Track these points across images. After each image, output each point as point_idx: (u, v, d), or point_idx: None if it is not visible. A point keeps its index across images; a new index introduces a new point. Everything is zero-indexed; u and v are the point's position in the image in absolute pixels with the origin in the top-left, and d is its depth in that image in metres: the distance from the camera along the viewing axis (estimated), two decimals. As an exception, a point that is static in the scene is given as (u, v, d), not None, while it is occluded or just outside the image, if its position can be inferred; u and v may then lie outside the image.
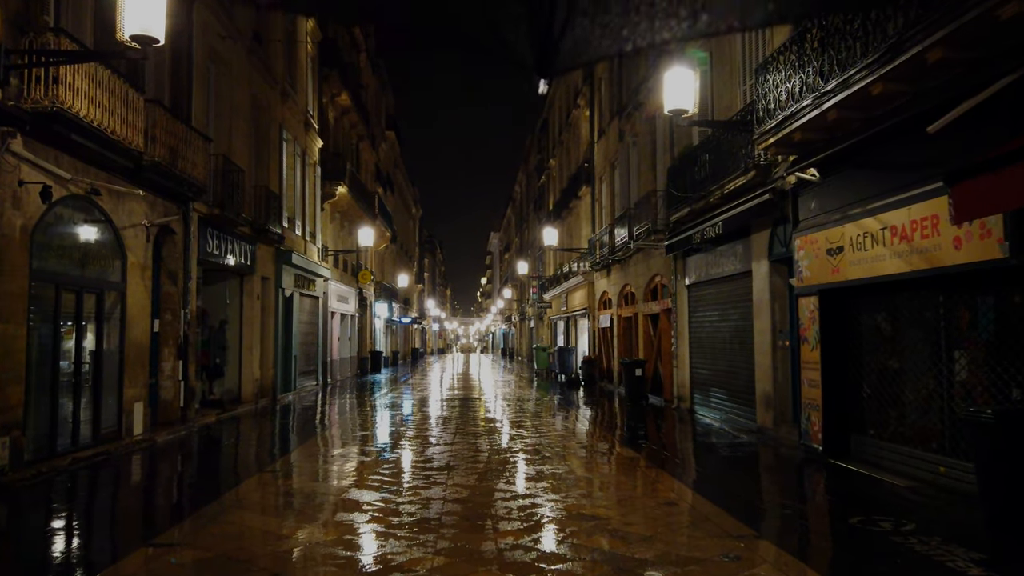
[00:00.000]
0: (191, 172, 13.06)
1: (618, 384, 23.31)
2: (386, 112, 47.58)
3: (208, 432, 13.42)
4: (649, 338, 20.14)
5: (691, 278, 15.85)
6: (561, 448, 11.02)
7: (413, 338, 68.36)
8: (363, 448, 11.32)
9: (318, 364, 25.49)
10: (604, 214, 26.21)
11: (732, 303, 13.63)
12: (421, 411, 17.00)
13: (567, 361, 29.65)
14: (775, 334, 11.72)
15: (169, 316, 13.57)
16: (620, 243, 21.44)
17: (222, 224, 15.67)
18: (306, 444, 11.88)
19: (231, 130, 16.61)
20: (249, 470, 9.65)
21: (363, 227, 27.79)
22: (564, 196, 33.84)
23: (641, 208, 19.31)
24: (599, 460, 10.15)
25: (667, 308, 18.06)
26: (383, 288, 43.20)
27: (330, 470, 9.32)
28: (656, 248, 17.58)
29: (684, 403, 16.29)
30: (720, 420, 13.89)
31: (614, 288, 23.97)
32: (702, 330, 15.39)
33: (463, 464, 9.39)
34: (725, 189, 12.77)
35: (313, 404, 19.30)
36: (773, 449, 10.95)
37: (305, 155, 23.88)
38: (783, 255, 11.46)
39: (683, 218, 15.33)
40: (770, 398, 11.76)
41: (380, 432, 13.45)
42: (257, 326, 18.88)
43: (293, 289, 21.66)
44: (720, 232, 13.01)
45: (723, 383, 14.10)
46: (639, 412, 16.52)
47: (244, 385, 18.16)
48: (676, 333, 16.76)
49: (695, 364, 15.86)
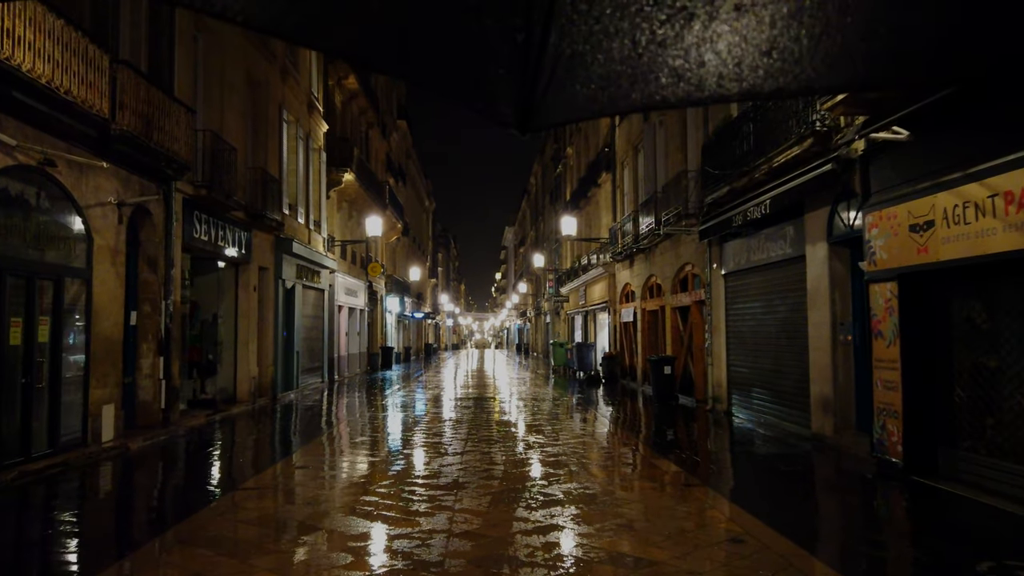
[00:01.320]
0: (171, 147, 11.66)
1: (642, 382, 21.77)
2: (397, 101, 46.16)
3: (192, 437, 12.04)
4: (678, 333, 18.57)
5: (729, 266, 14.27)
6: (587, 460, 9.52)
7: (426, 333, 67.04)
8: (361, 459, 9.89)
9: (323, 360, 24.13)
10: (626, 201, 24.63)
11: (780, 293, 12.05)
12: (430, 413, 15.55)
13: (586, 357, 28.13)
14: (835, 327, 10.15)
15: (148, 308, 12.19)
16: (645, 231, 19.87)
17: (211, 207, 14.28)
18: (297, 453, 10.46)
19: (223, 105, 15.21)
20: (223, 486, 8.23)
21: (372, 216, 26.37)
22: (582, 184, 32.27)
23: (669, 192, 17.74)
24: (634, 476, 8.63)
25: (699, 300, 16.49)
26: (395, 282, 41.84)
27: (317, 489, 7.87)
28: (688, 234, 16.00)
29: (720, 404, 14.72)
30: (764, 425, 12.33)
31: (637, 280, 22.40)
32: (742, 324, 13.81)
33: (475, 481, 7.92)
34: (774, 163, 11.19)
35: (315, 404, 17.92)
36: (836, 462, 9.39)
37: (309, 139, 22.49)
38: (846, 235, 9.88)
39: (720, 199, 13.76)
40: (828, 402, 10.19)
41: (383, 438, 12.01)
42: (254, 320, 17.51)
43: (295, 281, 20.28)
44: (767, 212, 11.43)
45: (768, 383, 12.53)
46: (669, 414, 14.98)
47: (239, 383, 16.80)
48: (710, 327, 15.20)
49: (733, 361, 14.29)
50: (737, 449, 10.79)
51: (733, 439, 11.65)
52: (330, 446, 11.11)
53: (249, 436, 12.63)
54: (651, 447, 10.72)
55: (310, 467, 9.18)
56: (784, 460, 9.73)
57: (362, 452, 10.44)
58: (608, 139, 27.12)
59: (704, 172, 14.74)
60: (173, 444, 11.27)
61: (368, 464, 9.29)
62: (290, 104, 20.23)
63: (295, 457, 10.02)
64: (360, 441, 11.61)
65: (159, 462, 10.04)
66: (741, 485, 8.11)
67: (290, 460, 9.79)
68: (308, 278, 21.73)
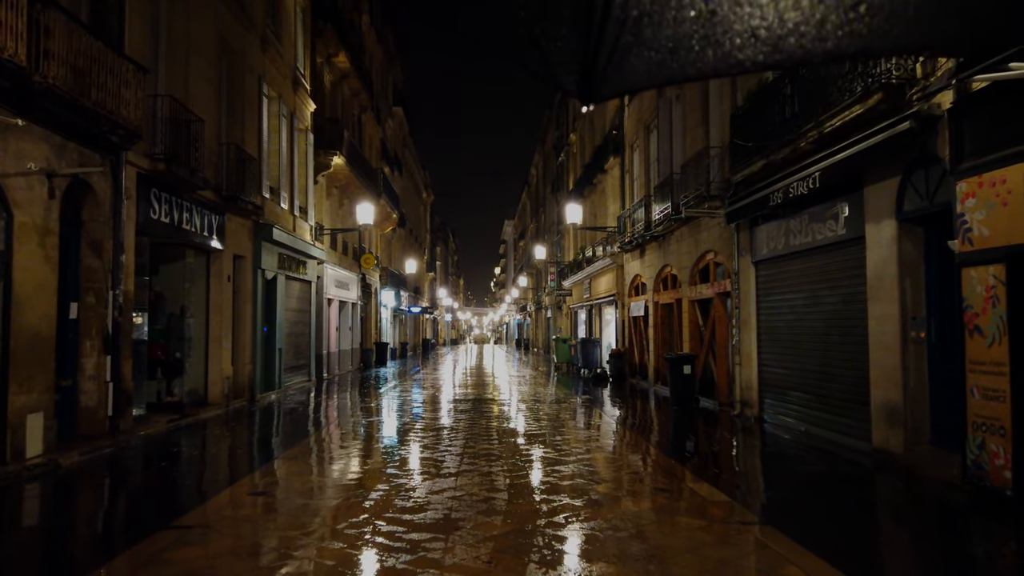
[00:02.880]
0: (116, 110, 9.93)
1: (654, 381, 20.09)
2: (394, 87, 44.36)
3: (144, 448, 10.35)
4: (697, 328, 16.88)
5: (761, 252, 12.56)
6: (610, 484, 7.83)
7: (424, 328, 65.33)
8: (333, 481, 8.19)
9: (310, 358, 22.41)
10: (636, 187, 22.91)
11: (828, 281, 10.35)
12: (423, 419, 13.86)
13: (591, 354, 26.46)
14: (905, 322, 8.45)
15: (92, 298, 10.47)
16: (659, 216, 18.15)
17: (174, 185, 12.55)
18: (259, 472, 8.76)
19: (188, 71, 13.46)
20: (154, 519, 6.52)
21: (363, 203, 24.63)
22: (587, 172, 30.54)
23: (688, 172, 16.02)
24: (672, 507, 6.94)
25: (723, 291, 14.79)
26: (390, 275, 40.11)
27: (271, 528, 6.17)
28: (714, 216, 14.28)
29: (749, 409, 13.04)
30: (807, 436, 10.64)
31: (649, 271, 20.70)
32: (777, 318, 12.11)
33: (471, 517, 6.22)
34: (825, 127, 9.48)
35: (296, 407, 16.22)
36: (909, 484, 7.71)
37: (294, 118, 20.73)
38: (922, 211, 8.17)
39: (753, 176, 12.06)
40: (896, 411, 8.49)
41: (365, 452, 10.32)
42: (229, 313, 15.79)
43: (277, 271, 18.56)
44: (815, 186, 9.73)
45: (811, 387, 10.84)
46: (692, 421, 13.30)
47: (211, 384, 15.09)
48: (738, 322, 13.50)
49: (766, 361, 12.59)
50: (786, 468, 9.10)
51: (776, 454, 9.97)
52: (301, 462, 9.41)
53: (212, 447, 10.93)
54: (683, 465, 9.01)
55: (271, 493, 7.48)
56: (846, 483, 8.05)
57: (337, 471, 8.74)
58: (616, 121, 25.38)
59: (733, 147, 13.02)
60: (118, 458, 9.56)
61: (343, 489, 7.60)
62: (271, 78, 18.47)
63: (256, 477, 8.31)
64: (338, 455, 9.91)
65: (90, 484, 8.34)
66: (805, 519, 6.41)
67: (251, 482, 8.09)
68: (292, 268, 20.00)
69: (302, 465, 9.11)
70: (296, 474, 8.58)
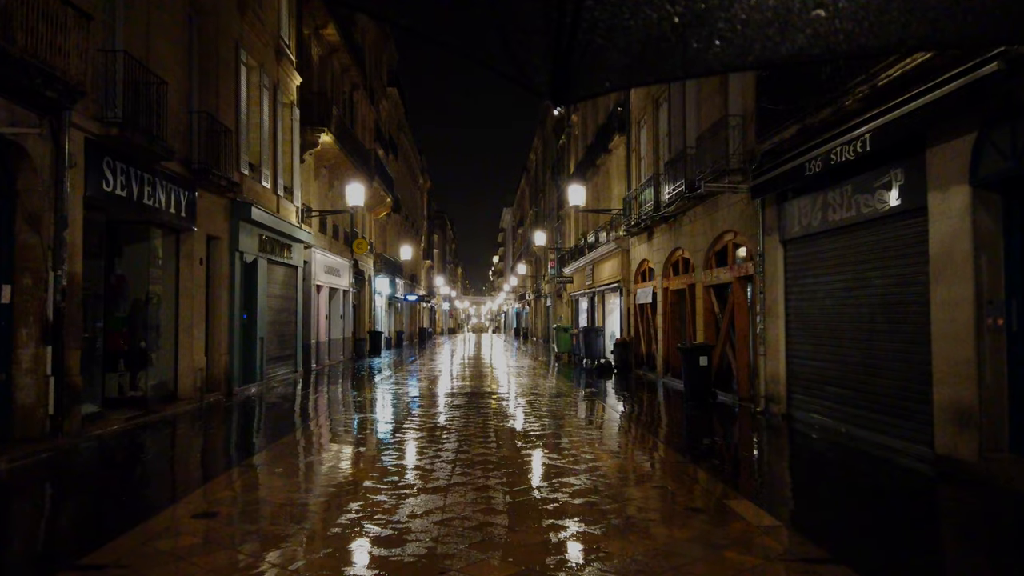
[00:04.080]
0: (53, 61, 8.55)
1: (663, 373, 18.79)
2: (388, 67, 42.79)
3: (91, 452, 9.04)
4: (712, 316, 15.56)
5: (792, 230, 11.21)
6: (633, 502, 6.51)
7: (421, 317, 64.01)
8: (298, 498, 6.87)
9: (296, 348, 21.07)
10: (644, 166, 21.52)
11: (876, 261, 9.00)
12: (413, 416, 12.54)
13: (594, 344, 25.13)
14: (980, 307, 7.12)
15: (29, 280, 9.11)
16: (671, 195, 16.79)
17: (131, 153, 11.16)
18: (215, 482, 7.43)
19: (149, 27, 12.02)
20: (66, 551, 5.20)
21: (353, 183, 23.21)
22: (589, 153, 29.13)
23: (704, 146, 14.65)
24: (715, 537, 5.59)
25: (744, 275, 13.45)
26: (385, 261, 38.75)
27: (198, 567, 4.85)
28: (735, 192, 12.92)
29: (775, 405, 11.73)
30: (847, 437, 9.33)
31: (658, 255, 19.35)
32: (811, 303, 10.78)
33: (463, 554, 4.90)
34: (879, 80, 8.12)
35: (277, 402, 14.89)
36: (989, 500, 6.41)
37: (277, 91, 19.30)
38: (1006, 173, 6.82)
39: (784, 143, 10.70)
40: (968, 412, 7.17)
41: (340, 459, 9.01)
42: (201, 299, 14.44)
43: (258, 254, 17.18)
44: (865, 150, 8.38)
45: (853, 381, 9.51)
46: (710, 418, 12.01)
47: (182, 377, 13.76)
48: (763, 309, 12.18)
49: (795, 351, 11.27)
50: (835, 479, 7.80)
51: (817, 460, 8.67)
52: (266, 471, 8.08)
53: (169, 450, 9.61)
54: (714, 475, 7.70)
55: (219, 514, 6.15)
56: (920, 500, 6.75)
57: (305, 484, 7.42)
58: (622, 97, 23.95)
59: (760, 113, 11.65)
60: (54, 466, 8.23)
61: (307, 510, 6.28)
62: (251, 45, 17.03)
63: (208, 491, 6.98)
64: (310, 462, 8.58)
65: (3, 500, 7.01)
66: (892, 559, 5.10)
67: (201, 497, 6.76)
68: (276, 252, 18.63)
69: (265, 475, 7.78)
70: (255, 487, 7.26)
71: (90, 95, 9.90)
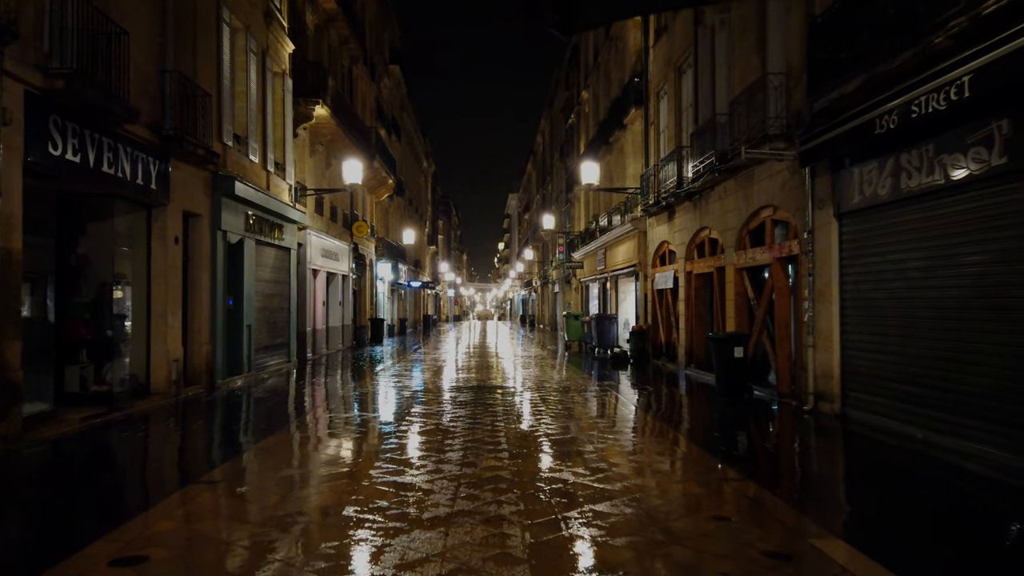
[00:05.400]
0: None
1: (686, 364, 17.30)
2: (390, 43, 41.09)
3: (29, 462, 7.60)
4: (744, 301, 14.03)
5: (851, 201, 9.64)
6: (692, 540, 5.02)
7: (425, 304, 62.57)
8: (255, 534, 5.40)
9: (290, 336, 19.61)
10: (664, 140, 19.93)
11: (971, 234, 7.44)
12: (411, 417, 11.09)
13: (607, 332, 23.65)
14: None
15: (-51, 257, 7.65)
16: (699, 168, 15.21)
17: (85, 113, 9.65)
18: (159, 508, 5.96)
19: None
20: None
21: (351, 159, 21.65)
22: (602, 130, 27.49)
23: (738, 111, 13.06)
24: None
25: (786, 255, 11.91)
26: (387, 246, 37.24)
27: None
28: (780, 160, 11.33)
29: (827, 404, 10.22)
30: (928, 445, 7.81)
31: (681, 236, 17.81)
32: (875, 286, 9.24)
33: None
34: (982, 8, 6.56)
35: (263, 396, 13.45)
36: None
37: (267, 57, 17.73)
38: None
39: (845, 98, 9.13)
40: (1107, 421, 5.65)
41: (319, 475, 7.56)
42: (178, 283, 12.97)
43: (244, 234, 15.70)
44: (963, 96, 6.82)
45: (934, 379, 7.97)
46: (752, 418, 10.53)
47: (155, 369, 12.32)
48: (811, 293, 10.64)
49: (854, 342, 9.74)
50: (936, 503, 6.30)
51: (900, 475, 7.17)
52: (227, 489, 6.63)
53: (122, 459, 8.17)
54: (787, 502, 6.20)
55: (152, 560, 4.68)
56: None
57: (269, 512, 5.95)
58: (638, 67, 22.30)
59: (812, 66, 10.05)
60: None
61: (268, 551, 4.82)
62: (235, 3, 15.46)
63: (147, 519, 5.52)
64: (281, 479, 7.11)
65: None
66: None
67: (140, 526, 5.30)
68: (266, 232, 17.14)
69: (225, 498, 6.31)
70: (207, 516, 5.79)
71: (29, 40, 8.40)
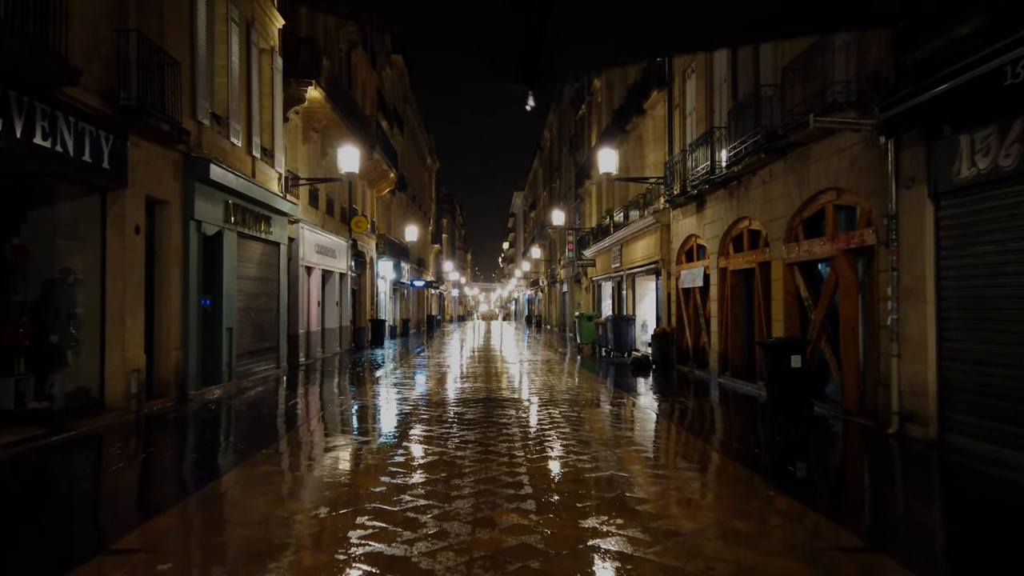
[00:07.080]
0: None
1: (719, 371, 15.46)
2: (392, 33, 39.27)
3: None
4: (796, 302, 12.17)
5: (955, 177, 7.77)
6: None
7: (429, 304, 60.76)
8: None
9: (279, 339, 17.80)
10: (691, 123, 18.07)
11: None
12: (409, 440, 9.25)
13: (625, 335, 21.87)
14: None
15: None
16: (739, 150, 13.36)
17: (9, 72, 7.85)
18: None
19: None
20: None
21: (347, 146, 19.83)
22: (617, 118, 25.67)
23: (791, 79, 11.22)
24: None
25: (857, 246, 10.05)
26: (389, 243, 35.45)
27: None
28: (856, 130, 9.44)
29: (919, 428, 8.36)
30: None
31: (712, 228, 15.96)
32: (989, 282, 7.37)
33: None
34: None
35: (243, 410, 11.63)
36: None
37: (252, 30, 15.95)
38: None
39: (952, 47, 7.28)
40: None
41: (283, 537, 5.72)
42: (138, 279, 11.17)
43: (223, 225, 13.90)
44: None
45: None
46: (814, 440, 8.69)
47: (110, 380, 10.52)
48: (897, 290, 8.79)
49: (956, 351, 7.89)
50: None
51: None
52: (148, 558, 4.81)
53: (43, 500, 6.36)
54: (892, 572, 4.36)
55: None
56: None
57: None
58: (661, 46, 20.43)
59: (901, 11, 8.20)
60: None
61: None
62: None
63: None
64: (225, 543, 5.29)
65: None
66: None
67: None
68: (250, 225, 15.34)
69: (165, 562, 4.49)
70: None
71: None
